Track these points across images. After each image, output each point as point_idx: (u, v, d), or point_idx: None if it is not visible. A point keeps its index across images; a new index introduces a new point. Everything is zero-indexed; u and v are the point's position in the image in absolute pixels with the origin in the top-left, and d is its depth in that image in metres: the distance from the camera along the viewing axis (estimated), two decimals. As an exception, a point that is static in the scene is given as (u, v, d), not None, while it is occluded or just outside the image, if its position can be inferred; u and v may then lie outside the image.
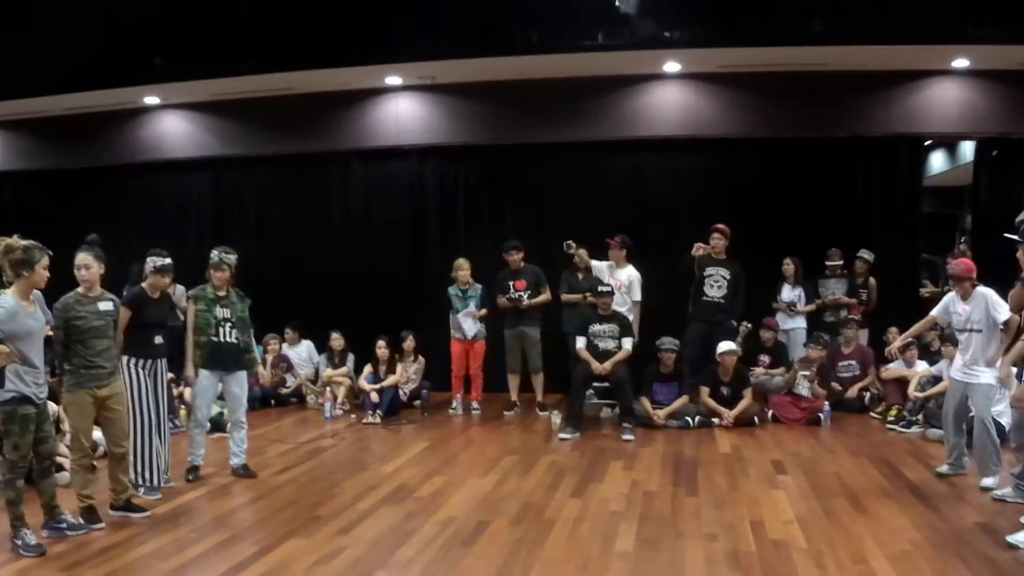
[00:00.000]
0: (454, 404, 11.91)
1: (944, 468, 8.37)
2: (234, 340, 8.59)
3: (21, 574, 6.03)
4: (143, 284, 8.19)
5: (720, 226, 11.39)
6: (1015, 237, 6.63)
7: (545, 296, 11.60)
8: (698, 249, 11.31)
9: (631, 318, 11.28)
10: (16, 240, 6.41)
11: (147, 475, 7.91)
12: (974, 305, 7.82)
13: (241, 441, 8.73)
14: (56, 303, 7.00)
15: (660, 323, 11.43)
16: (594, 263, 11.57)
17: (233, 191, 14.49)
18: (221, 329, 8.49)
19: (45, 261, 6.49)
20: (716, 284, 11.36)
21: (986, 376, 7.72)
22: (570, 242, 11.51)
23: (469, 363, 11.89)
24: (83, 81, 12.78)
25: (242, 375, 8.71)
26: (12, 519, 6.46)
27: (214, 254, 8.70)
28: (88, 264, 7.06)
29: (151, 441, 7.91)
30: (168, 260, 8.31)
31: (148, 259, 8.44)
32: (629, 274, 11.50)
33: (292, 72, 12.37)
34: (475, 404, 11.95)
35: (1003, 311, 7.56)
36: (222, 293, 8.62)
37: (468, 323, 11.64)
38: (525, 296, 11.48)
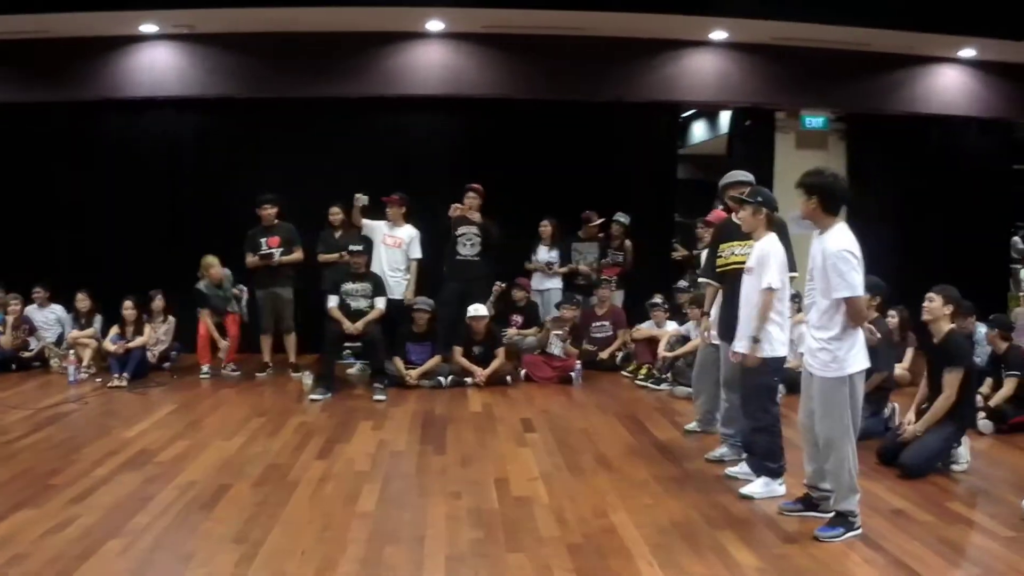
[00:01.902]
0: (204, 370, 11.39)
1: (693, 425, 8.60)
2: None
3: None
4: None
5: (475, 185, 11.37)
6: (747, 197, 6.79)
7: (298, 254, 11.35)
8: (455, 210, 11.27)
9: (410, 276, 11.27)
10: None
11: None
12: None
13: None
14: None
15: (420, 282, 11.36)
16: (367, 222, 11.36)
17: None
18: None
19: None
20: (469, 242, 11.34)
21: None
22: (360, 195, 11.27)
23: (226, 332, 11.49)
24: None
25: None
26: None
27: None
28: None
29: None
30: None
31: None
32: (408, 232, 11.35)
33: (39, 14, 11.65)
34: (232, 366, 11.50)
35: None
36: None
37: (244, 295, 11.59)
38: (278, 253, 11.18)
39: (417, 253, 11.36)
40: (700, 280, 8.38)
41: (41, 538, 5.76)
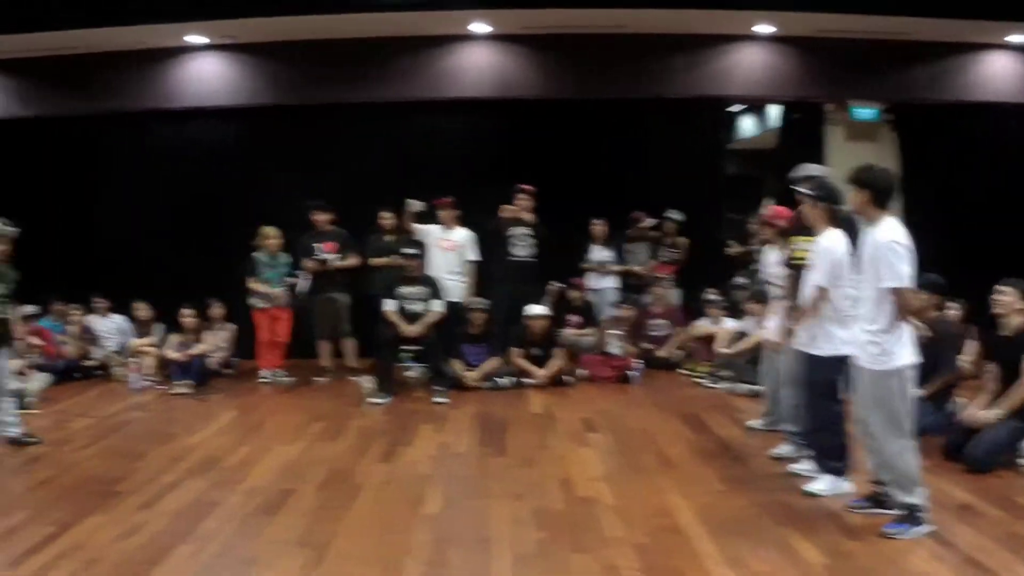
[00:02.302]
0: (264, 374, 11.49)
1: (757, 422, 8.54)
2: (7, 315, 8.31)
3: None
4: None
5: (526, 186, 11.37)
6: (804, 189, 6.74)
7: (353, 259, 11.38)
8: (506, 211, 11.28)
9: (467, 279, 11.28)
10: None
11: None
12: (777, 257, 7.87)
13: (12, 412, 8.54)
14: None
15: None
16: (419, 227, 11.33)
17: (26, 155, 13.76)
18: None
19: None
20: (522, 243, 11.35)
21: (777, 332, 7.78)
22: (413, 200, 11.29)
23: (275, 331, 11.47)
24: None
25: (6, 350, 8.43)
26: None
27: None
28: None
29: None
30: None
31: None
32: (464, 234, 11.36)
33: (84, 29, 11.79)
34: (282, 372, 11.53)
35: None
36: (1, 267, 8.27)
37: (301, 282, 11.41)
38: (335, 259, 11.24)
39: (473, 255, 11.37)
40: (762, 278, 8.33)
41: (111, 544, 5.83)
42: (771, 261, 7.99)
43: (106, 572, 5.38)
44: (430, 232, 11.34)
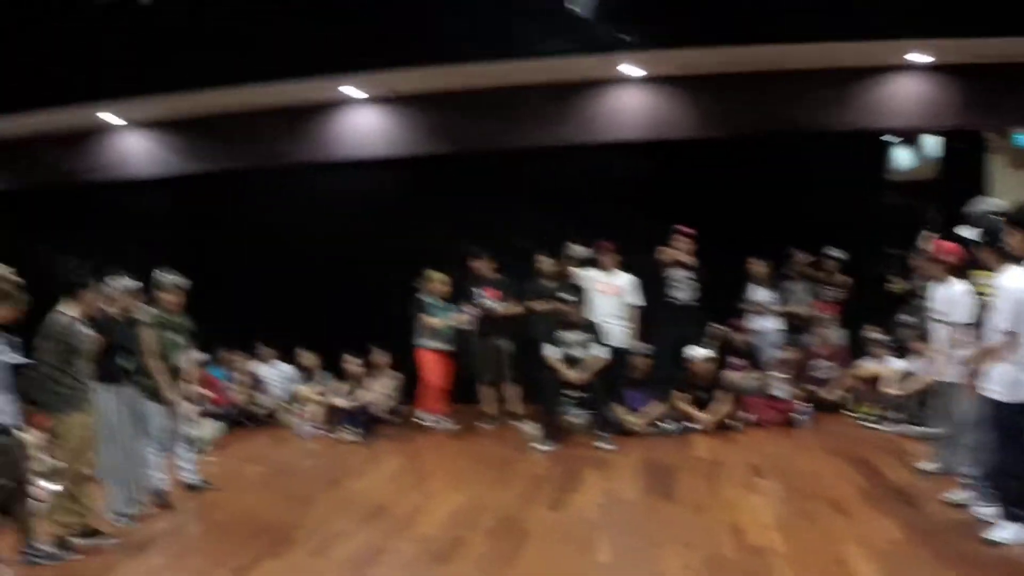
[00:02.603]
0: (433, 419, 11.55)
1: (930, 465, 8.31)
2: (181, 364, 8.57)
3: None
4: (108, 307, 8.05)
5: (684, 228, 11.33)
6: (970, 234, 6.57)
7: (515, 306, 11.46)
8: (664, 253, 11.25)
9: (629, 323, 11.21)
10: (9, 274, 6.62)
11: (118, 500, 7.81)
12: (952, 295, 7.68)
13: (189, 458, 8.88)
14: (56, 324, 7.13)
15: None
16: (578, 271, 11.36)
17: (194, 209, 14.30)
18: (175, 353, 8.44)
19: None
20: (682, 286, 11.30)
21: (954, 373, 7.58)
22: (575, 245, 11.36)
23: (442, 374, 11.48)
24: (39, 99, 12.61)
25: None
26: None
27: (166, 278, 8.58)
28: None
29: (123, 466, 7.79)
30: (128, 282, 8.20)
31: (111, 281, 8.22)
32: (626, 279, 11.34)
33: (249, 86, 12.21)
34: (445, 418, 11.53)
35: (964, 309, 7.40)
36: (177, 318, 8.54)
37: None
38: (498, 305, 11.35)
39: (637, 299, 11.32)
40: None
41: (288, 590, 5.98)
42: (937, 298, 7.82)
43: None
44: (591, 276, 11.33)
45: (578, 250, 11.22)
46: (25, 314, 6.76)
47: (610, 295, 11.19)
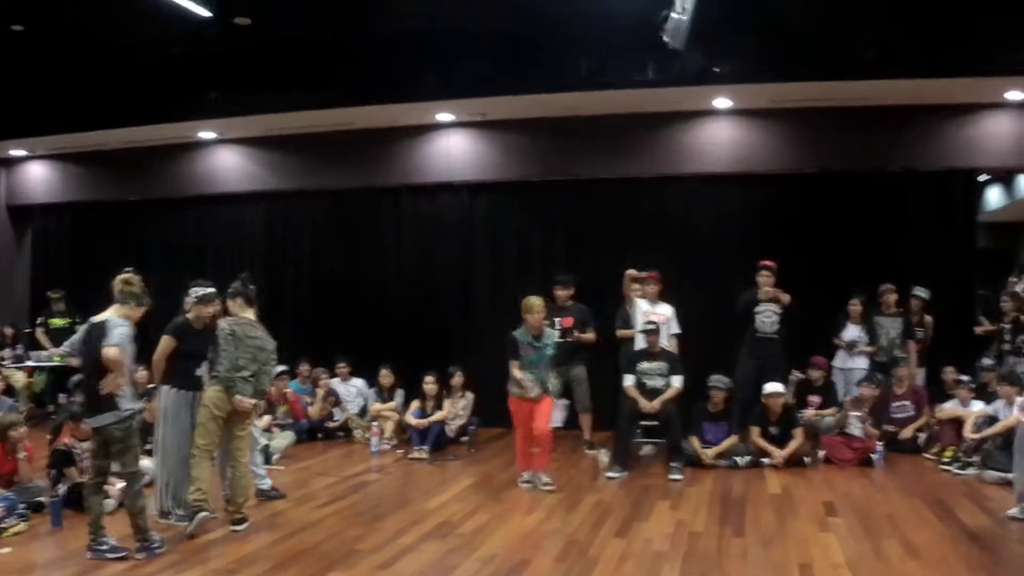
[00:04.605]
0: (525, 477, 9.72)
1: (1015, 511, 8.12)
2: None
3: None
4: (187, 315, 8.22)
5: (768, 263, 11.27)
6: None
7: (591, 334, 11.45)
8: (765, 292, 11.23)
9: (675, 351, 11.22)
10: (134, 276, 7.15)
11: (177, 504, 7.98)
12: None
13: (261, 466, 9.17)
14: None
15: (710, 360, 11.30)
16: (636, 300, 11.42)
17: (285, 225, 14.58)
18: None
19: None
20: (769, 320, 11.24)
21: None
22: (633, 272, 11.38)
23: (534, 422, 9.52)
24: (139, 115, 12.93)
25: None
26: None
27: (203, 291, 8.41)
28: None
29: (186, 470, 7.91)
30: (211, 290, 8.31)
31: (191, 289, 8.35)
32: (669, 310, 11.41)
33: (344, 108, 12.45)
34: (543, 477, 9.63)
35: None
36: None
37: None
38: (572, 332, 11.33)
39: (677, 328, 11.41)
40: None
41: (354, 602, 6.01)
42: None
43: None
44: (637, 306, 11.33)
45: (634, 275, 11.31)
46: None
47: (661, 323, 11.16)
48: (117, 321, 6.86)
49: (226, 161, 14.22)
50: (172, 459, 7.95)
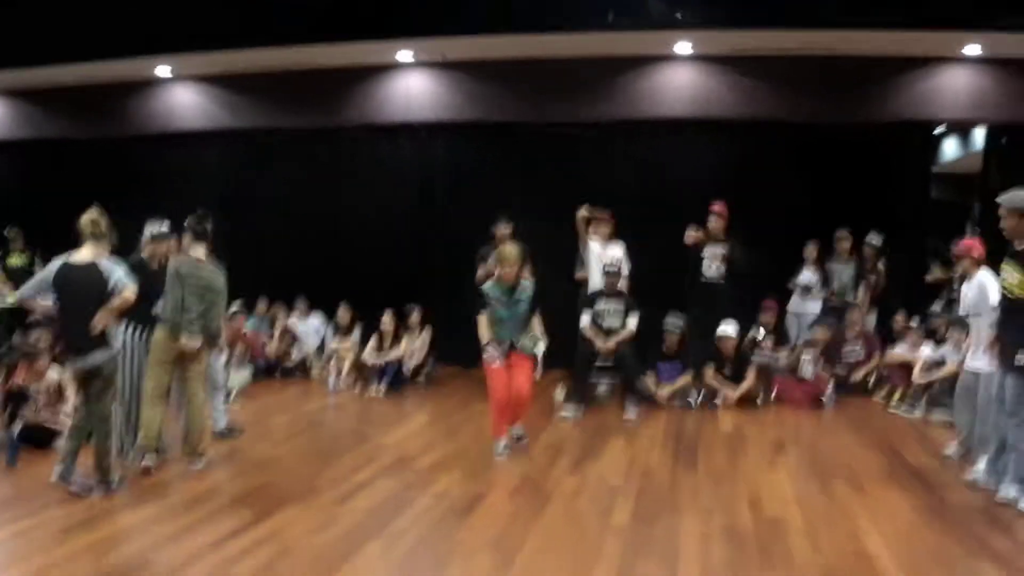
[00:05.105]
0: (501, 447, 8.49)
1: (951, 451, 8.35)
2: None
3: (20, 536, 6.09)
4: (143, 253, 8.21)
5: (716, 207, 11.36)
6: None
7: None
8: (689, 237, 11.28)
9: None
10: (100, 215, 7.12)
11: (133, 442, 8.02)
12: (973, 287, 7.76)
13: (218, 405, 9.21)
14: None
15: (668, 302, 11.32)
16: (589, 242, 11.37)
17: (243, 164, 14.47)
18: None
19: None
20: (713, 264, 11.32)
21: (983, 363, 7.62)
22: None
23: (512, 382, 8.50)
24: (94, 51, 12.76)
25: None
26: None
27: (158, 229, 8.45)
28: None
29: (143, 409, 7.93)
30: (165, 228, 8.30)
31: (146, 228, 8.36)
32: (620, 248, 11.36)
33: (303, 46, 12.33)
34: (518, 430, 8.89)
35: (994, 294, 7.41)
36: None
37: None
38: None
39: (627, 267, 11.30)
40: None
41: (306, 536, 6.14)
42: (964, 290, 7.90)
43: (301, 562, 5.67)
44: (591, 248, 11.33)
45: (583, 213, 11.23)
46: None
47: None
48: (110, 263, 6.96)
49: (183, 99, 14.04)
50: (128, 398, 7.97)
